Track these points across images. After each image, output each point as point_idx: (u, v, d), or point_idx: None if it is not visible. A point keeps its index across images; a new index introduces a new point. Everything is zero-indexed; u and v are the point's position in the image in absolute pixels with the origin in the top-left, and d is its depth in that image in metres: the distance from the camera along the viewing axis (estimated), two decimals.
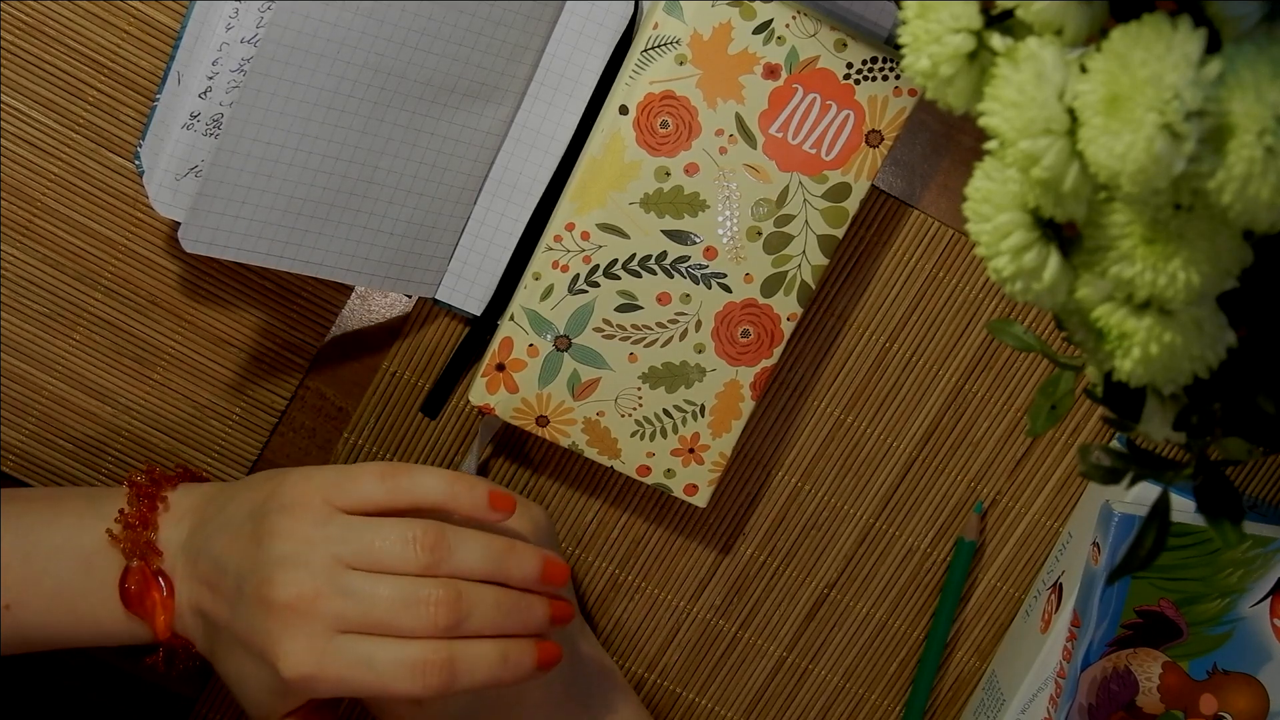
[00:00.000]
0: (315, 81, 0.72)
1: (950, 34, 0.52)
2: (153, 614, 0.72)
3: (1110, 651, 0.80)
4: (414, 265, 0.78)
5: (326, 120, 0.73)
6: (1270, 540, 0.80)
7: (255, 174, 0.72)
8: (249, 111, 0.71)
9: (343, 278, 0.77)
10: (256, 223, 0.74)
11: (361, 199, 0.75)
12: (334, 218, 0.75)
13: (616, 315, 0.78)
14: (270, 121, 0.72)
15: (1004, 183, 0.52)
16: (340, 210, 0.75)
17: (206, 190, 0.72)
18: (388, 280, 0.78)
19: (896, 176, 0.82)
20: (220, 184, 0.72)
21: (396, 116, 0.75)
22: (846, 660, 0.87)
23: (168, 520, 0.73)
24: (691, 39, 0.75)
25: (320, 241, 0.75)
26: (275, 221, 0.74)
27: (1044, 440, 0.85)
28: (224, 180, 0.72)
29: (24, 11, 0.77)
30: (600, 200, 0.76)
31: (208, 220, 0.72)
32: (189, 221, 0.72)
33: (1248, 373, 0.54)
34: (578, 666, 0.78)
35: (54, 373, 0.81)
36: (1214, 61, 0.46)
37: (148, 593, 0.72)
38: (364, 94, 0.73)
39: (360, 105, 0.74)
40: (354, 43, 0.72)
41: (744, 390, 0.79)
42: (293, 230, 0.74)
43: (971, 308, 0.83)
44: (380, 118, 0.74)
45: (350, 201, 0.75)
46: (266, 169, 0.73)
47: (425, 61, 0.74)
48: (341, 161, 0.74)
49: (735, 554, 0.85)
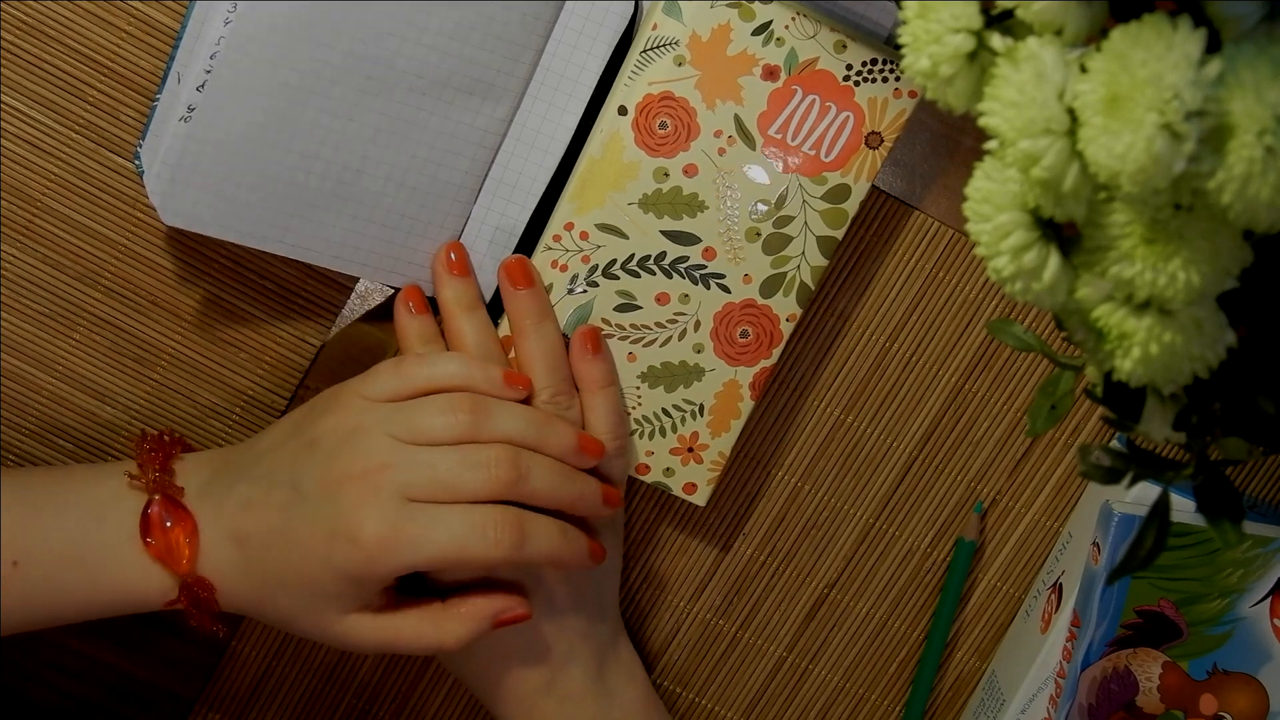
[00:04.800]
0: (295, 64, 0.72)
1: (950, 34, 0.52)
2: (178, 549, 0.71)
3: (1110, 651, 0.80)
4: (410, 260, 0.78)
5: (309, 104, 0.73)
6: (1270, 540, 0.80)
7: (234, 152, 0.73)
8: (225, 86, 0.72)
9: (333, 264, 0.77)
10: (238, 202, 0.74)
11: (350, 187, 0.76)
12: (320, 203, 0.75)
13: (615, 315, 0.78)
14: (248, 101, 0.72)
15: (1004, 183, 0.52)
16: (327, 196, 0.75)
17: (183, 162, 0.72)
18: (380, 271, 0.78)
19: (896, 177, 0.82)
20: (198, 157, 0.72)
21: (385, 106, 0.75)
22: (846, 660, 0.87)
23: (183, 469, 0.73)
24: (690, 40, 0.75)
25: (306, 226, 0.76)
26: (258, 202, 0.74)
27: (1044, 440, 0.85)
28: (201, 154, 0.72)
29: (24, 11, 0.77)
30: (599, 200, 0.76)
31: (185, 194, 0.73)
32: (166, 192, 0.72)
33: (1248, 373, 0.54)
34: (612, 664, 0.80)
35: (54, 373, 0.81)
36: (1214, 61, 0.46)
37: (172, 529, 0.71)
38: (348, 80, 0.74)
39: (345, 92, 0.74)
40: (335, 28, 0.72)
41: (743, 390, 0.79)
42: (277, 213, 0.75)
43: (971, 308, 0.83)
44: (367, 106, 0.74)
45: (338, 189, 0.75)
46: (246, 147, 0.73)
47: (414, 53, 0.74)
48: (327, 147, 0.74)
49: (735, 554, 0.85)
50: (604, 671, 0.79)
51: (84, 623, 0.73)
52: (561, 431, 0.74)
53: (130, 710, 0.84)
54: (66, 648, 0.83)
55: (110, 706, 0.84)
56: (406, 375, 0.74)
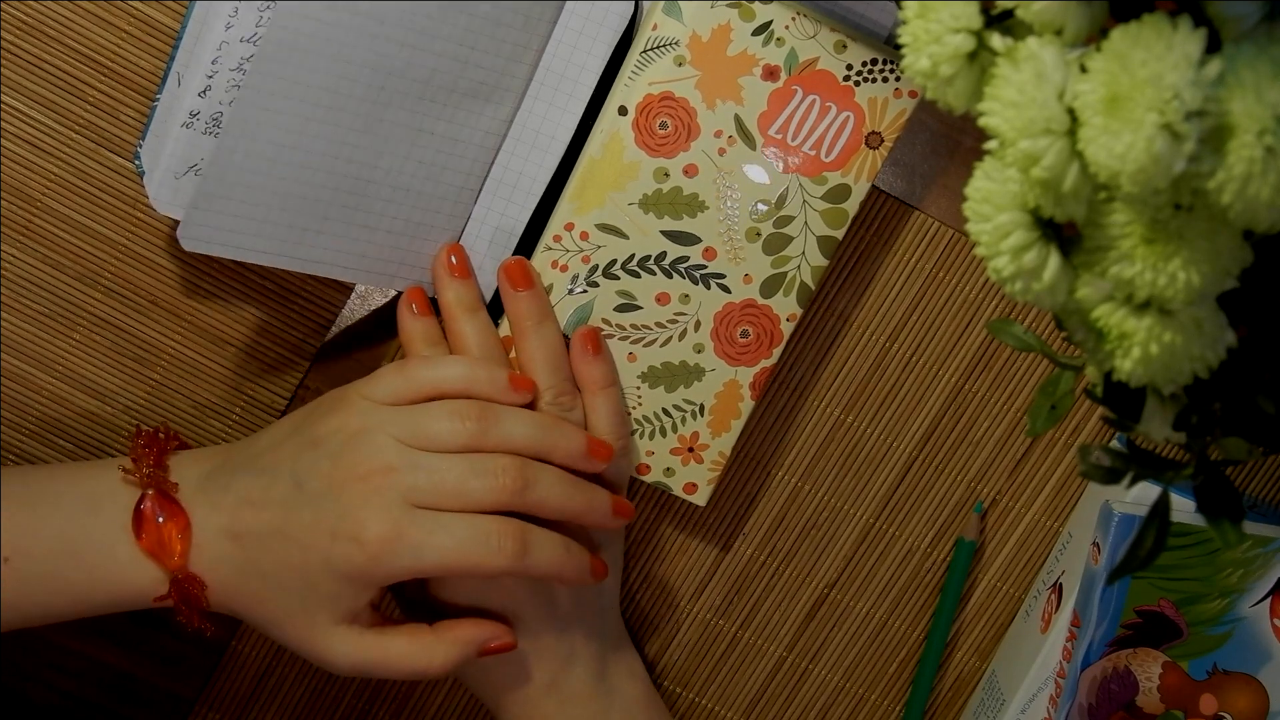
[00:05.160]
0: (315, 81, 0.72)
1: (950, 34, 0.52)
2: (169, 544, 0.70)
3: (1110, 651, 0.80)
4: (412, 263, 0.78)
5: (326, 120, 0.73)
6: (1270, 540, 0.80)
7: (255, 173, 0.72)
8: (249, 110, 0.71)
9: (341, 275, 0.77)
10: (255, 221, 0.74)
11: (360, 197, 0.76)
12: (333, 215, 0.75)
13: (616, 315, 0.78)
14: (270, 120, 0.72)
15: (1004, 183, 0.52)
16: (339, 209, 0.75)
17: (205, 189, 0.72)
18: (384, 278, 0.78)
19: (897, 177, 0.82)
20: (219, 182, 0.72)
21: (396, 115, 0.75)
22: (846, 660, 0.87)
23: (178, 464, 0.73)
24: (690, 40, 0.75)
25: (319, 240, 0.76)
26: (274, 220, 0.74)
27: (1044, 440, 0.85)
28: (223, 179, 0.72)
29: (24, 11, 0.77)
30: (599, 200, 0.76)
31: (207, 219, 0.72)
32: (188, 220, 0.72)
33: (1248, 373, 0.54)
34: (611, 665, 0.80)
35: (54, 373, 0.81)
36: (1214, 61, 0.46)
37: (164, 523, 0.70)
38: (364, 93, 0.73)
39: (360, 105, 0.74)
40: (354, 42, 0.72)
41: (743, 390, 0.79)
42: (291, 228, 0.75)
43: (971, 308, 0.83)
44: (380, 117, 0.74)
45: (349, 200, 0.75)
46: (266, 168, 0.73)
47: (425, 61, 0.74)
48: (341, 160, 0.74)
49: (735, 554, 0.85)
50: (606, 671, 0.79)
51: (83, 622, 0.73)
52: (570, 435, 0.74)
53: (130, 710, 0.84)
54: (66, 648, 0.83)
55: (110, 706, 0.84)
56: (411, 378, 0.74)
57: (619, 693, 0.79)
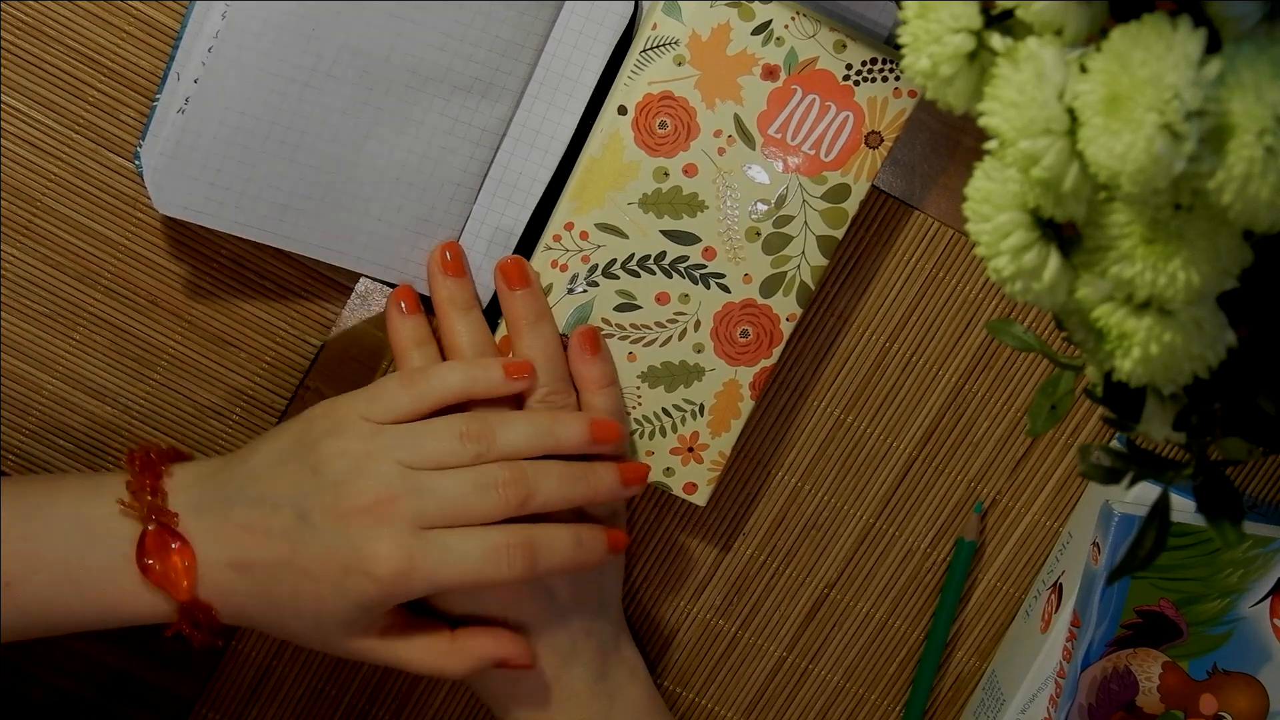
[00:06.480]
0: (290, 57, 0.73)
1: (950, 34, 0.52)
2: (176, 578, 0.70)
3: (1110, 651, 0.80)
4: (408, 257, 0.78)
5: (304, 98, 0.74)
6: (1270, 540, 0.80)
7: (229, 142, 0.73)
8: (221, 77, 0.72)
9: (323, 256, 0.77)
10: (232, 192, 0.74)
11: (346, 180, 0.76)
12: (316, 196, 0.76)
13: (615, 315, 0.78)
14: (243, 92, 0.72)
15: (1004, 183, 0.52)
16: (323, 189, 0.76)
17: (178, 153, 0.72)
18: (377, 266, 0.78)
19: (896, 177, 0.82)
20: (192, 148, 0.72)
21: (381, 101, 0.75)
22: (846, 660, 0.87)
23: (174, 487, 0.72)
24: (690, 40, 0.75)
25: (301, 219, 0.76)
26: (252, 194, 0.74)
27: (1044, 440, 0.85)
28: (195, 145, 0.73)
29: (24, 11, 0.77)
30: (599, 200, 0.76)
31: (179, 183, 0.73)
32: (156, 180, 0.72)
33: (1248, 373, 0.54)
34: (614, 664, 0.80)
35: (54, 373, 0.81)
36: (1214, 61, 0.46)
37: (169, 555, 0.70)
38: (344, 75, 0.74)
39: (340, 86, 0.74)
40: (331, 22, 0.73)
41: (743, 390, 0.79)
42: (271, 204, 0.75)
43: (971, 308, 0.83)
44: (363, 100, 0.75)
45: (334, 182, 0.76)
46: (240, 139, 0.73)
47: (410, 49, 0.74)
48: (323, 140, 0.75)
49: (735, 554, 0.85)
50: (607, 670, 0.79)
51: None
52: (571, 425, 0.74)
53: (130, 710, 0.84)
54: (66, 648, 0.83)
55: (110, 706, 0.84)
56: (412, 394, 0.73)
57: (620, 692, 0.79)
